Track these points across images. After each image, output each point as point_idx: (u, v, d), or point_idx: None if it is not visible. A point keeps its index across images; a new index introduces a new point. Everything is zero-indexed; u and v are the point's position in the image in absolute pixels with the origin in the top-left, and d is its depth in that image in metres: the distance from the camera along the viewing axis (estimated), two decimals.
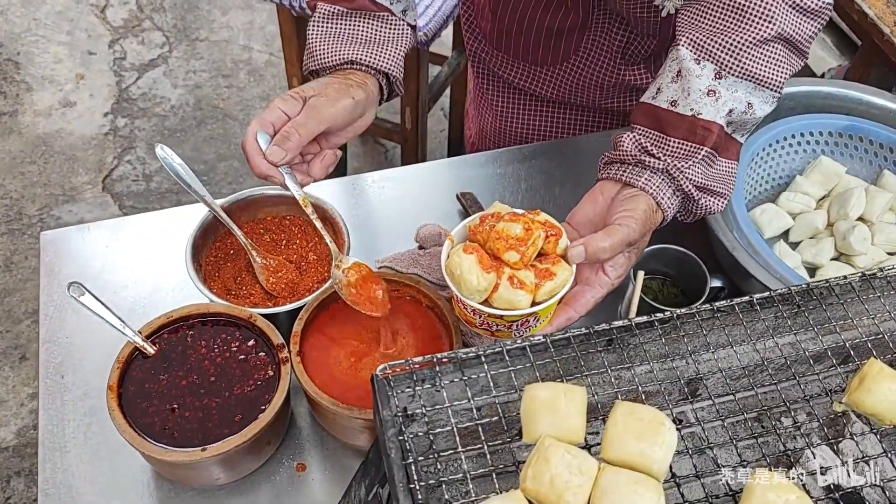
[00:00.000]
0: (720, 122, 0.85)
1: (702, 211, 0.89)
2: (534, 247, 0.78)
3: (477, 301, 0.78)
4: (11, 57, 2.87)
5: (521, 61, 1.31)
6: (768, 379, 0.73)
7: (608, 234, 0.80)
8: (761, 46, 0.86)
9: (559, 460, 0.57)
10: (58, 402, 0.98)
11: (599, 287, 0.85)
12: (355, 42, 0.97)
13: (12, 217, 2.41)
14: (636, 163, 0.86)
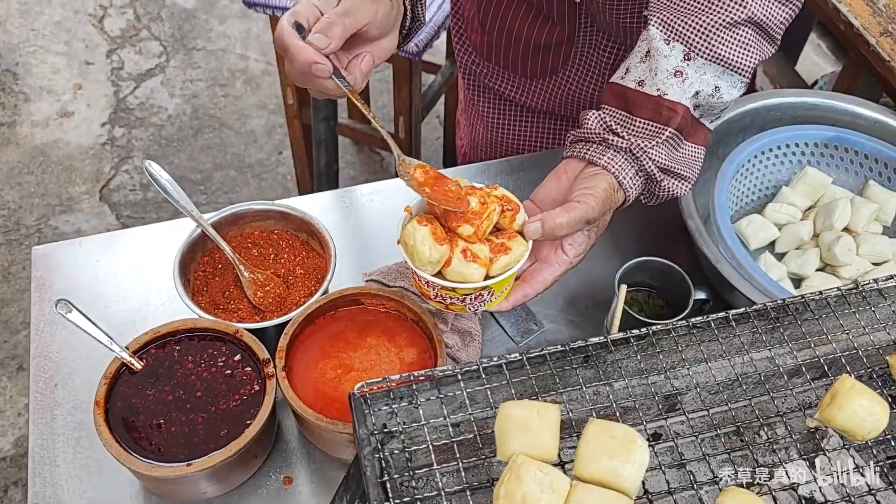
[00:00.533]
0: (686, 103, 0.85)
1: (664, 193, 0.89)
2: (488, 220, 0.78)
3: (430, 273, 0.78)
4: (9, 67, 2.89)
5: (510, 73, 1.32)
6: (745, 394, 0.74)
7: (566, 210, 0.80)
8: (731, 29, 0.85)
9: (531, 478, 0.58)
10: (48, 417, 0.99)
11: (558, 265, 0.85)
12: None
13: (10, 227, 2.43)
14: (600, 141, 0.86)
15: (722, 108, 0.90)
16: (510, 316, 1.09)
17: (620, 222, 1.19)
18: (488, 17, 1.25)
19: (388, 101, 2.83)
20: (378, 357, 0.94)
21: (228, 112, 2.78)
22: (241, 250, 1.05)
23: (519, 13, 1.21)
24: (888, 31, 1.34)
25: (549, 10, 1.18)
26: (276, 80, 2.87)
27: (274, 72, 2.90)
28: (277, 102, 2.78)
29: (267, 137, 2.73)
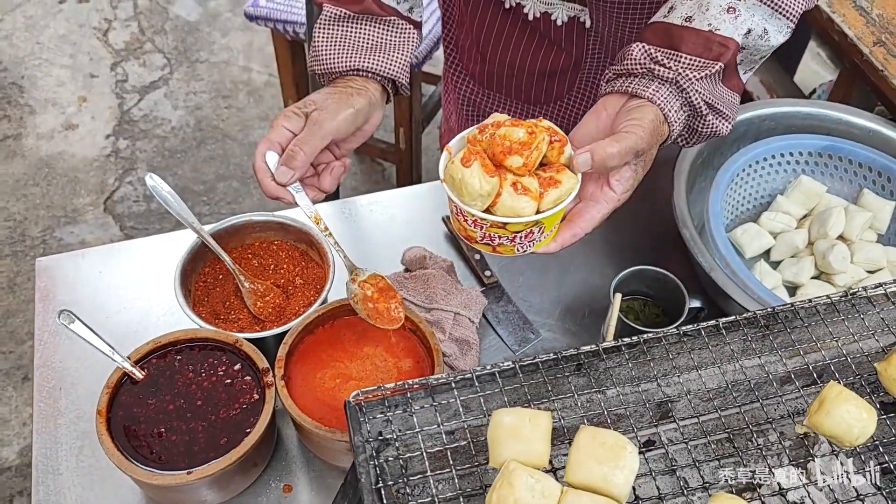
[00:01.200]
0: (738, 39, 0.83)
1: (708, 129, 0.86)
2: (538, 151, 0.74)
3: (479, 209, 0.74)
4: (15, 80, 2.92)
5: (513, 100, 1.31)
6: (736, 401, 0.74)
7: (616, 139, 0.77)
8: None
9: (523, 484, 0.59)
10: (51, 426, 1.00)
11: (605, 202, 0.82)
12: (361, 48, 0.96)
13: (16, 239, 2.45)
14: (644, 73, 0.82)
15: (763, 54, 0.87)
16: (507, 324, 1.11)
17: (616, 232, 1.21)
18: (489, 46, 1.24)
19: (389, 111, 2.84)
20: (376, 366, 0.95)
21: (231, 123, 2.80)
22: (241, 261, 1.07)
23: (522, 41, 1.21)
24: (881, 40, 1.35)
25: (557, 38, 1.17)
26: (278, 92, 2.89)
27: (276, 83, 2.92)
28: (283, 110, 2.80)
29: None
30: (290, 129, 0.91)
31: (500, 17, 1.20)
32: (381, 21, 0.98)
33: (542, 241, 0.79)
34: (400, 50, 0.98)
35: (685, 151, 1.13)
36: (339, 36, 0.97)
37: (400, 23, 1.00)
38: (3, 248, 2.43)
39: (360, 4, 0.97)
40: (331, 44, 0.97)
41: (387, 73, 0.97)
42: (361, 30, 0.98)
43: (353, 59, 0.96)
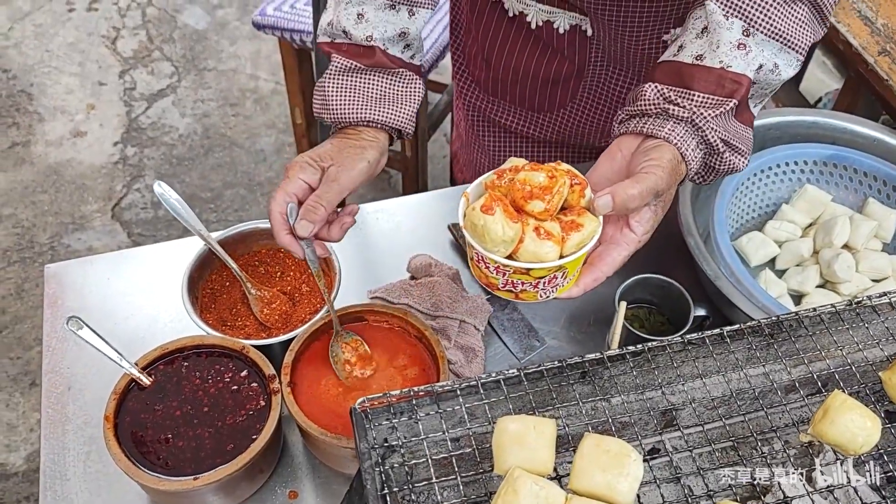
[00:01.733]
0: (750, 75, 0.83)
1: (725, 167, 0.85)
2: (559, 195, 0.74)
3: (502, 255, 0.73)
4: (24, 88, 2.94)
5: (517, 107, 1.32)
6: (741, 409, 0.75)
7: (636, 181, 0.76)
8: (789, 5, 0.84)
9: (527, 492, 0.59)
10: (59, 432, 1.01)
11: (626, 244, 0.82)
12: (371, 99, 0.99)
13: (24, 245, 2.47)
14: (658, 113, 0.82)
15: (774, 87, 0.88)
16: (513, 332, 1.11)
17: None
18: (493, 53, 1.26)
19: None
20: (382, 373, 0.96)
21: (238, 131, 2.82)
22: (248, 268, 1.08)
23: (526, 49, 1.22)
24: (886, 50, 1.35)
25: (560, 46, 1.19)
26: (285, 100, 2.90)
27: (283, 91, 2.94)
28: (287, 122, 2.82)
29: (276, 156, 2.76)
30: (307, 181, 0.93)
31: (505, 26, 1.21)
32: (390, 73, 1.00)
33: (566, 286, 0.78)
34: (408, 101, 1.01)
35: None
36: (349, 86, 0.98)
37: (407, 74, 1.02)
38: (11, 255, 2.44)
39: (371, 59, 0.99)
40: (341, 94, 0.98)
41: (396, 125, 0.99)
42: (371, 81, 0.99)
43: (363, 110, 0.98)
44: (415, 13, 1.00)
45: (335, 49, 1.00)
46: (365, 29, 0.97)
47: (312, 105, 1.03)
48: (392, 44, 0.99)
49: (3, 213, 2.55)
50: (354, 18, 0.97)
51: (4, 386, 2.15)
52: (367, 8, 0.97)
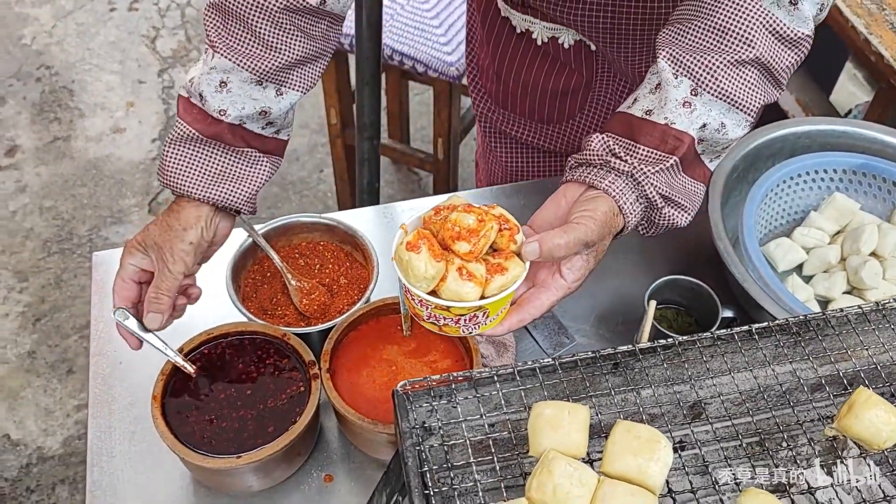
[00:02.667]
0: (692, 133, 0.85)
1: (664, 221, 0.88)
2: (485, 238, 0.76)
3: (424, 290, 0.76)
4: (66, 85, 3.02)
5: (527, 119, 1.34)
6: (767, 405, 0.77)
7: (564, 231, 0.79)
8: (738, 67, 0.86)
9: (562, 472, 0.62)
10: (105, 412, 1.05)
11: (556, 290, 0.83)
12: (206, 175, 0.94)
13: (63, 237, 2.54)
14: (601, 164, 0.85)
15: (725, 145, 0.90)
16: (543, 329, 1.14)
17: (651, 242, 1.24)
18: (503, 66, 1.28)
19: (427, 122, 2.90)
20: (417, 362, 0.99)
21: None
22: (288, 260, 1.12)
23: (535, 63, 1.24)
24: None
25: (567, 59, 1.21)
26: (318, 101, 2.95)
27: (316, 93, 2.98)
28: (319, 122, 2.87)
29: (309, 156, 2.81)
30: (136, 265, 0.95)
31: (515, 40, 1.24)
32: (232, 150, 0.95)
33: (489, 325, 0.81)
34: (248, 181, 0.97)
35: (721, 166, 1.16)
36: (188, 157, 0.94)
37: (252, 154, 0.97)
38: (51, 246, 2.51)
39: (211, 129, 0.93)
40: (179, 164, 0.94)
41: (229, 204, 0.95)
42: (211, 155, 0.95)
43: (196, 186, 0.94)
44: (283, 94, 0.95)
45: (186, 110, 0.94)
46: (222, 101, 0.92)
47: (157, 169, 0.99)
48: (251, 121, 0.94)
49: (44, 204, 2.62)
50: (216, 86, 0.91)
51: (43, 372, 2.21)
52: (232, 77, 0.91)
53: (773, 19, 0.85)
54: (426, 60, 1.97)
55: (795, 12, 0.86)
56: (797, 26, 0.86)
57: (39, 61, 3.10)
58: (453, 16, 2.04)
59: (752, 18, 0.85)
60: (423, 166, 2.30)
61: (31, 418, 2.13)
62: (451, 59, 1.96)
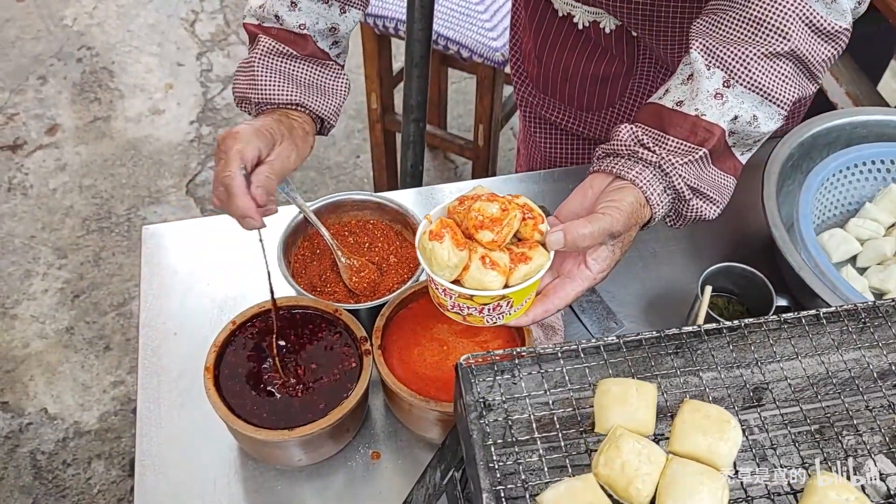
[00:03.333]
0: (723, 125, 0.84)
1: (692, 214, 0.86)
2: (509, 227, 0.76)
3: (447, 279, 0.77)
4: (107, 66, 3.05)
5: (566, 105, 1.33)
6: (833, 391, 0.76)
7: (589, 220, 0.78)
8: (772, 60, 0.84)
9: (630, 449, 0.61)
10: (154, 382, 1.06)
11: (581, 280, 0.83)
12: (302, 85, 0.98)
13: (102, 215, 2.56)
14: (629, 155, 0.84)
15: (757, 138, 0.88)
16: (591, 313, 1.13)
17: (702, 229, 1.22)
18: (545, 50, 1.27)
19: (464, 111, 2.89)
20: (468, 342, 0.99)
21: None
22: (338, 237, 1.11)
23: (577, 47, 1.23)
24: None
25: (608, 44, 1.20)
26: (356, 86, 2.94)
27: (355, 78, 2.98)
28: (357, 108, 2.87)
29: (346, 141, 2.82)
30: (262, 149, 0.91)
31: (557, 24, 1.23)
32: (320, 63, 1.00)
33: (513, 315, 0.81)
34: (336, 94, 1.02)
35: (776, 153, 1.15)
36: (280, 70, 0.97)
37: (336, 67, 1.03)
38: (90, 224, 2.54)
39: (303, 47, 0.98)
40: (272, 76, 0.97)
41: (322, 114, 0.99)
42: (302, 68, 0.99)
43: (295, 94, 0.97)
44: (346, 11, 1.01)
45: (263, 32, 0.98)
46: (298, 17, 0.97)
47: (233, 83, 1.01)
48: (322, 37, 1.00)
49: (84, 183, 2.65)
50: (288, 5, 0.97)
51: (81, 348, 2.24)
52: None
53: (811, 11, 0.84)
54: (471, 45, 1.96)
55: (833, 5, 0.84)
56: (835, 19, 0.84)
57: (80, 42, 3.14)
58: (499, 1, 2.03)
59: (789, 10, 0.83)
60: (462, 153, 2.30)
61: (69, 393, 2.16)
62: (496, 45, 1.95)
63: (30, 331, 2.28)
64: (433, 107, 2.52)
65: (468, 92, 2.90)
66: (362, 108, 2.79)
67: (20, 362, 2.21)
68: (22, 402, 2.14)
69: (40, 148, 2.76)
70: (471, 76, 2.55)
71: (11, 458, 2.04)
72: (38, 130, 2.82)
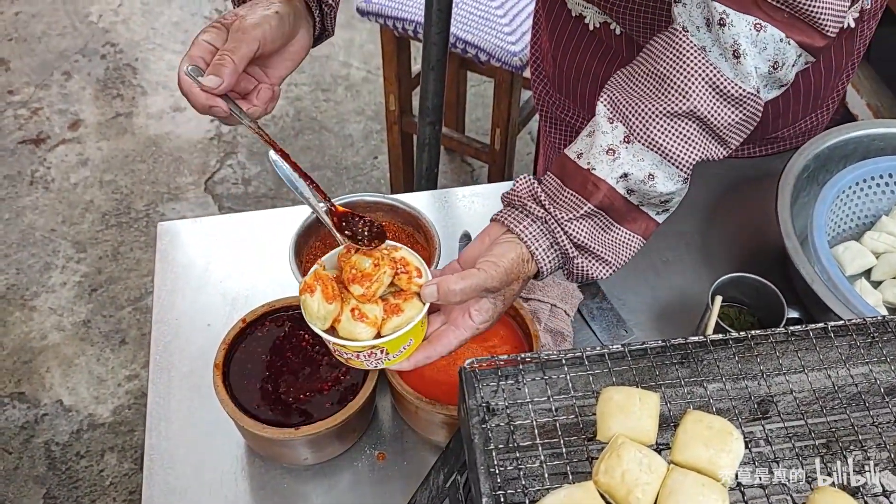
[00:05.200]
0: (610, 181, 0.83)
1: (577, 272, 0.86)
2: (378, 283, 0.81)
3: (321, 328, 0.81)
4: (130, 62, 3.09)
5: (579, 106, 1.33)
6: (840, 406, 0.75)
7: (463, 277, 0.79)
8: (673, 119, 0.82)
9: (631, 458, 0.61)
10: (165, 378, 1.07)
11: (464, 329, 0.84)
12: None
13: (122, 210, 2.59)
14: (521, 206, 0.84)
15: (661, 198, 0.86)
16: (601, 321, 1.13)
17: (714, 239, 1.22)
18: (559, 49, 1.28)
19: (482, 114, 2.90)
20: (477, 347, 0.99)
21: (329, 116, 2.90)
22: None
23: (589, 48, 1.23)
24: None
25: (619, 46, 1.19)
26: (375, 88, 2.97)
27: (373, 79, 3.01)
28: (375, 109, 2.89)
29: (363, 142, 2.83)
30: (212, 42, 0.84)
31: (572, 24, 1.23)
32: None
33: (393, 360, 0.84)
34: None
35: (791, 164, 1.14)
36: None
37: None
38: (109, 219, 2.57)
39: None
40: None
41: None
42: None
43: None
44: None
45: None
46: None
47: None
48: None
49: (104, 178, 2.69)
50: None
51: (97, 342, 2.27)
52: None
53: (715, 72, 0.81)
54: (490, 49, 1.97)
55: (738, 66, 0.80)
56: (740, 82, 0.81)
57: (105, 39, 3.17)
58: (518, 6, 2.03)
59: (693, 69, 0.81)
60: (478, 156, 2.30)
61: (84, 385, 2.18)
62: (514, 49, 1.95)
63: (47, 323, 2.31)
64: (451, 110, 2.52)
65: (486, 95, 2.91)
66: (380, 110, 2.81)
67: (37, 354, 2.24)
68: (38, 393, 2.17)
69: (63, 143, 2.80)
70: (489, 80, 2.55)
71: (26, 448, 2.06)
72: (62, 125, 2.86)
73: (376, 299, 0.82)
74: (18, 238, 2.51)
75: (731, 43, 0.79)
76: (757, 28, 0.79)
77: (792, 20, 0.79)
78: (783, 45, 0.80)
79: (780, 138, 1.29)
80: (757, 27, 0.79)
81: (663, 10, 1.07)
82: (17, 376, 2.20)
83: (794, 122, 1.27)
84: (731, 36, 0.79)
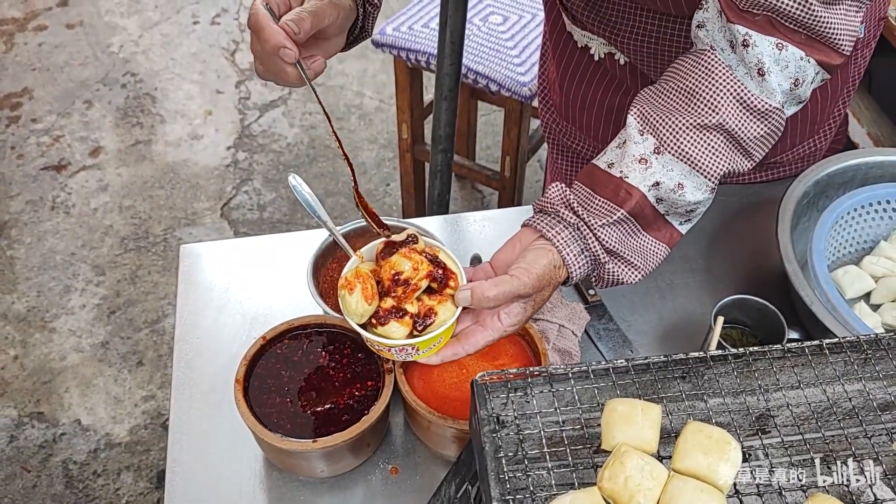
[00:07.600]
0: (642, 189, 0.87)
1: (608, 276, 0.89)
2: (415, 289, 0.84)
3: (356, 322, 0.85)
4: (150, 92, 3.17)
5: (584, 134, 1.37)
6: (836, 421, 0.78)
7: (496, 283, 0.82)
8: (701, 132, 0.86)
9: (633, 465, 0.65)
10: (186, 394, 1.11)
11: (492, 331, 0.86)
12: None
13: (140, 235, 2.65)
14: (554, 214, 0.87)
15: (688, 208, 0.90)
16: (608, 341, 1.16)
17: (717, 263, 1.26)
18: (566, 79, 1.32)
19: (493, 143, 2.95)
20: (487, 364, 1.03)
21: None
22: None
23: (595, 78, 1.27)
24: None
25: (623, 76, 1.24)
26: (388, 117, 3.04)
27: (386, 109, 3.08)
28: (388, 137, 2.95)
29: (376, 169, 2.89)
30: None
31: (578, 55, 1.27)
32: None
33: (422, 355, 0.88)
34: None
35: (791, 191, 1.18)
36: None
37: None
38: (128, 243, 2.63)
39: None
40: None
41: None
42: None
43: None
44: None
45: None
46: None
47: None
48: None
49: (124, 203, 2.75)
50: None
51: (114, 363, 2.31)
52: None
53: (742, 88, 0.86)
54: (500, 80, 2.03)
55: (763, 83, 0.86)
56: (765, 97, 0.86)
57: (125, 68, 3.26)
58: (528, 38, 2.10)
59: (721, 85, 0.86)
60: (489, 183, 2.35)
61: (102, 405, 2.22)
62: (524, 80, 2.01)
63: (67, 344, 2.36)
64: (462, 138, 2.58)
65: (496, 124, 2.97)
66: (393, 138, 2.87)
67: (56, 374, 2.29)
68: (57, 413, 2.21)
69: (83, 169, 2.87)
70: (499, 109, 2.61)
71: (45, 466, 2.10)
72: (83, 152, 2.93)
73: (413, 300, 0.85)
74: (39, 261, 2.57)
75: (756, 62, 0.85)
76: (779, 47, 0.85)
77: (809, 41, 0.85)
78: (803, 63, 0.86)
79: (780, 163, 1.33)
80: (779, 46, 0.85)
81: (667, 40, 1.11)
82: (36, 396, 2.24)
83: (793, 147, 1.31)
84: (756, 55, 0.85)
